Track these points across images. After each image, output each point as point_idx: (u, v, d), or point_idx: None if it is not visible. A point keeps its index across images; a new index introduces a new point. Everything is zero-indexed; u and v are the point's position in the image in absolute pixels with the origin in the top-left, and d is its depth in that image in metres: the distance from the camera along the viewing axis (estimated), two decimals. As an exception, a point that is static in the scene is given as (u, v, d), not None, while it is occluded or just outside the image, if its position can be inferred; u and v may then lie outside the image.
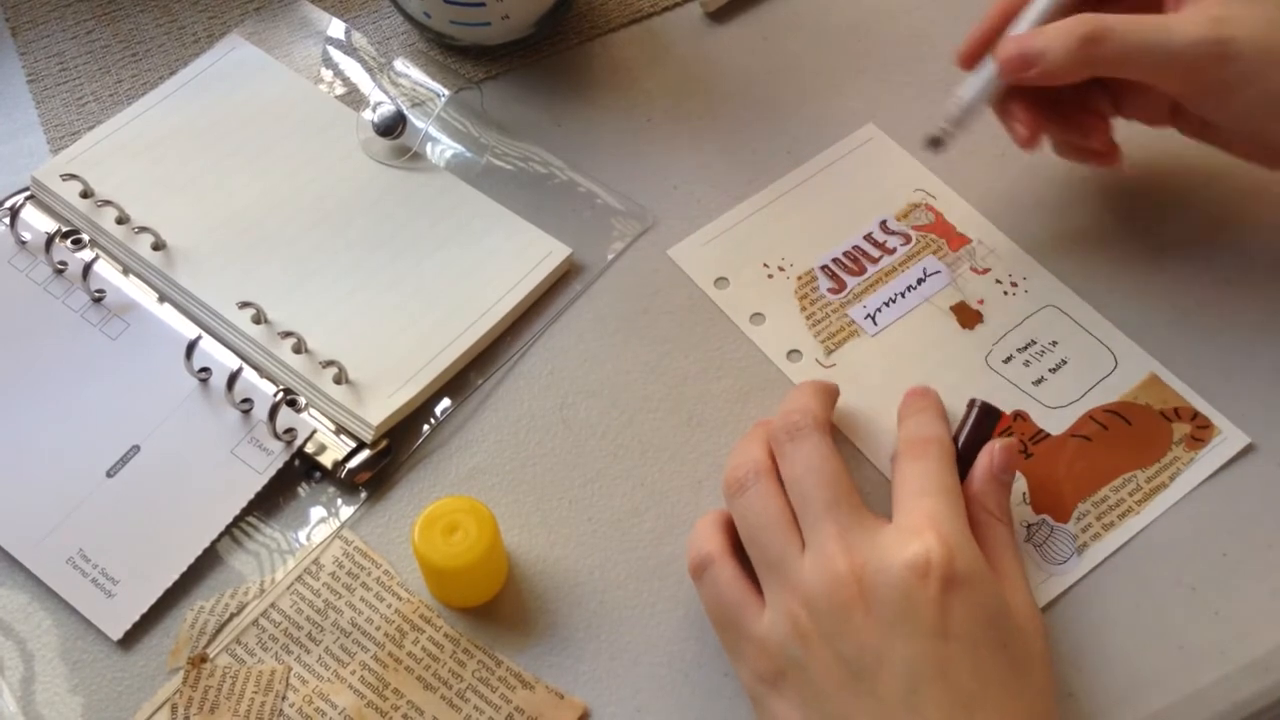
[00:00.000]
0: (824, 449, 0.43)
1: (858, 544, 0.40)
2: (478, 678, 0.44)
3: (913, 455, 0.44)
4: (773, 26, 0.62)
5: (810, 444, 0.43)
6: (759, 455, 0.44)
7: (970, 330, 0.52)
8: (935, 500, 0.42)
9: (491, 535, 0.43)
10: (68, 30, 0.62)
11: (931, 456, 0.44)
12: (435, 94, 0.57)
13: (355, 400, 0.49)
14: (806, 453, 0.43)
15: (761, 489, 0.43)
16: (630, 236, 0.55)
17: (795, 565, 0.41)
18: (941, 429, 0.45)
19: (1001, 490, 0.44)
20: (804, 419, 0.44)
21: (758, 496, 0.43)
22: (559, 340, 0.52)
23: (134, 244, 0.53)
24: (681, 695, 0.44)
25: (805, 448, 0.43)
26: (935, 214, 0.55)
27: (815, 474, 0.42)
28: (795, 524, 0.42)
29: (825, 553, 0.40)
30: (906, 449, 0.45)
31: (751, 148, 0.57)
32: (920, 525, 0.40)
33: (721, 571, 0.42)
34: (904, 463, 0.44)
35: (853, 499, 0.42)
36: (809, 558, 0.41)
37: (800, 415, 0.44)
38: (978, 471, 0.44)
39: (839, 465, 0.43)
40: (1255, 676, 0.43)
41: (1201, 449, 0.48)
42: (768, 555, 0.42)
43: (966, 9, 0.62)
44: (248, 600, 0.46)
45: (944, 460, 0.44)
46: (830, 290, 0.53)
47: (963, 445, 0.45)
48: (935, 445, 0.44)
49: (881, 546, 0.40)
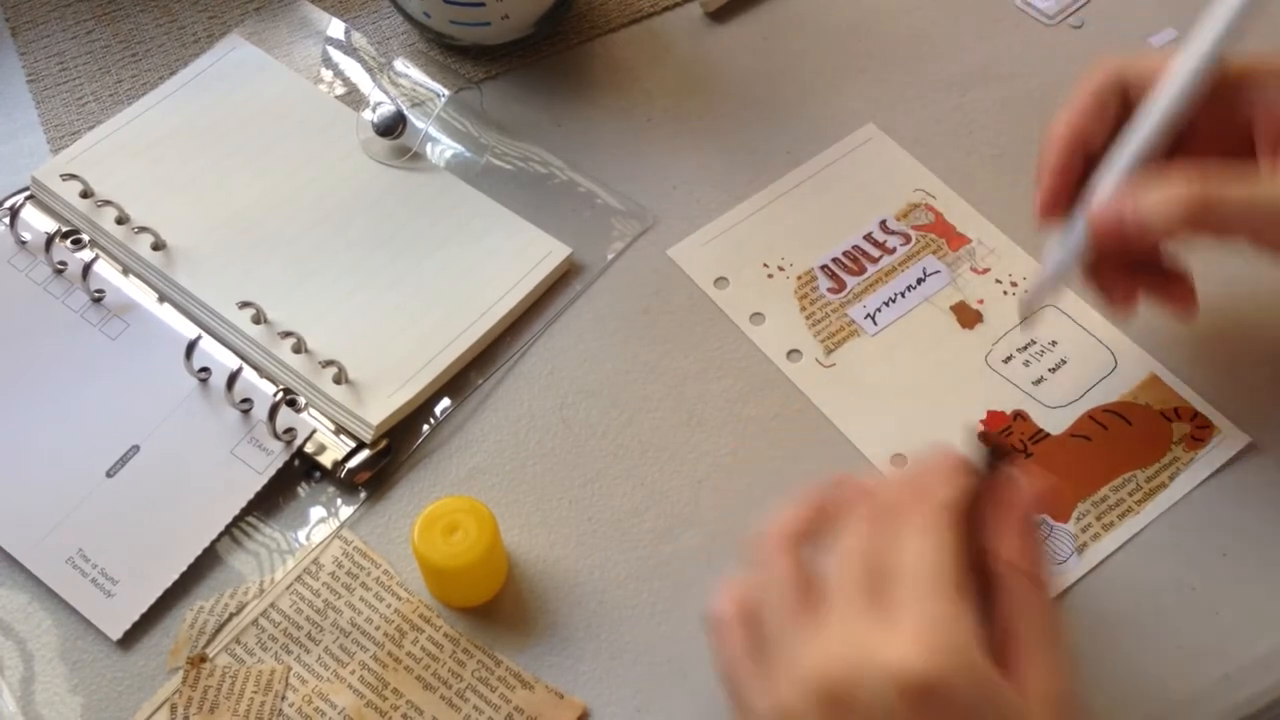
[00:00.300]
0: (936, 540, 0.36)
1: (857, 638, 0.35)
2: (477, 677, 0.44)
3: (901, 521, 0.37)
4: (773, 26, 0.62)
5: (921, 530, 0.36)
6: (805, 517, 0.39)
7: (970, 330, 0.52)
8: (923, 590, 0.35)
9: (491, 535, 0.43)
10: (68, 30, 0.62)
11: (926, 523, 0.36)
12: (435, 94, 0.57)
13: (355, 400, 0.49)
14: (913, 541, 0.36)
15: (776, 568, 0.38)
16: (630, 236, 0.55)
17: (794, 643, 0.36)
18: (943, 482, 0.38)
19: (1025, 538, 0.37)
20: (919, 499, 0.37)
21: (775, 579, 0.38)
22: (559, 340, 0.52)
23: (134, 244, 0.53)
24: (681, 695, 0.44)
25: (911, 534, 0.36)
26: (935, 214, 0.55)
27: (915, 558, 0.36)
28: (811, 597, 0.37)
29: (824, 643, 0.35)
30: (897, 508, 0.37)
31: (751, 148, 0.57)
32: (916, 633, 0.34)
33: (732, 635, 0.38)
34: (892, 530, 0.37)
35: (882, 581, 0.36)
36: (815, 639, 0.36)
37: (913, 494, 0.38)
38: (993, 522, 0.38)
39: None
40: (1255, 676, 0.43)
41: (1201, 449, 0.48)
42: (773, 631, 0.37)
43: (967, 9, 0.62)
44: (247, 600, 0.46)
45: (938, 528, 0.36)
46: (830, 290, 0.53)
47: (973, 502, 0.38)
48: (929, 507, 0.37)
49: (876, 650, 0.34)
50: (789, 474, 0.48)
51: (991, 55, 0.60)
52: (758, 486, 0.48)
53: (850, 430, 0.49)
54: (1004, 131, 0.57)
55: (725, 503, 0.48)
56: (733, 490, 0.48)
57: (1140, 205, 0.41)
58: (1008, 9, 0.62)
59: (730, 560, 0.46)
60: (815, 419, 0.50)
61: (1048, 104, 0.58)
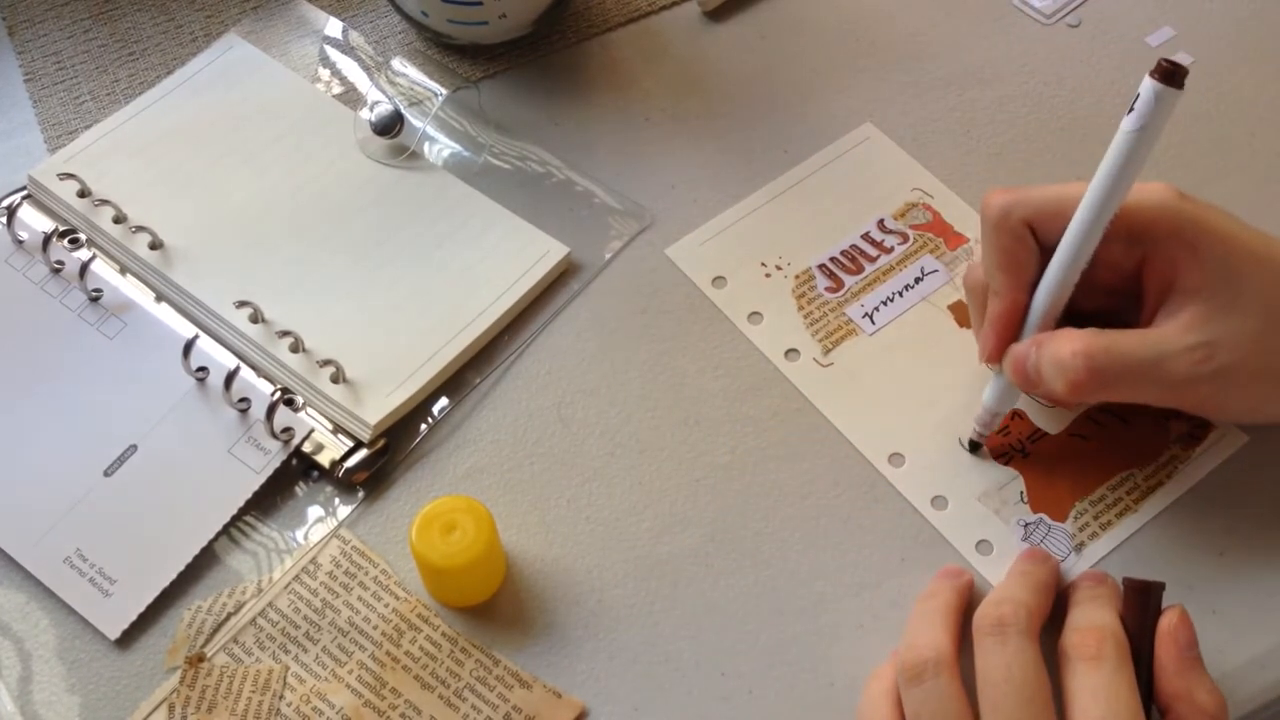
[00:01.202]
0: (1032, 659, 0.39)
1: None
2: (475, 677, 0.44)
3: (1086, 654, 0.39)
4: (771, 26, 0.62)
5: (1016, 648, 0.39)
6: (944, 642, 0.40)
7: (968, 329, 0.52)
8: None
9: (489, 534, 0.43)
10: (65, 29, 0.62)
11: (1108, 659, 0.39)
12: (433, 93, 0.57)
13: (353, 399, 0.49)
14: (1010, 659, 0.39)
15: (943, 686, 0.39)
16: (628, 235, 0.55)
17: None
18: (1115, 621, 0.41)
19: (1198, 673, 0.40)
20: (1016, 616, 0.40)
21: (936, 694, 0.39)
22: (557, 339, 0.52)
23: (131, 243, 0.53)
24: (679, 694, 0.44)
25: (1010, 651, 0.39)
26: (933, 213, 0.55)
27: (1017, 689, 0.38)
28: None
29: None
30: (1080, 642, 0.40)
31: (749, 147, 0.57)
32: None
33: None
34: (1078, 665, 0.39)
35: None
36: None
37: (1013, 611, 0.40)
38: (1167, 664, 0.40)
39: (1043, 679, 0.39)
40: (1253, 676, 0.43)
41: (1199, 447, 0.48)
42: None
43: (964, 8, 0.62)
44: (245, 599, 0.46)
45: (1122, 665, 0.39)
46: (828, 289, 0.53)
47: (1131, 633, 0.41)
48: (1111, 644, 0.39)
49: None
50: (787, 473, 0.48)
51: (989, 54, 0.60)
52: (756, 486, 0.48)
53: (848, 429, 0.49)
54: (1002, 131, 0.57)
55: (723, 502, 0.48)
56: (731, 490, 0.48)
57: (1040, 356, 0.44)
58: (1005, 8, 0.62)
59: (730, 560, 0.46)
60: (813, 418, 0.50)
61: (1045, 103, 0.58)
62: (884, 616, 0.45)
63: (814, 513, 0.47)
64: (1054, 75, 0.59)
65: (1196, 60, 0.59)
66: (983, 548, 0.46)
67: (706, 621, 0.45)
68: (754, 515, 0.47)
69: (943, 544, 0.46)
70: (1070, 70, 0.60)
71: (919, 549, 0.46)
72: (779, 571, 0.46)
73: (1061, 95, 0.59)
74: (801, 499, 0.48)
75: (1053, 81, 0.59)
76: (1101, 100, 0.58)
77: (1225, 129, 0.57)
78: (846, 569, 0.46)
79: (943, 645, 0.40)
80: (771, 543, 0.47)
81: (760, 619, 0.45)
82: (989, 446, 0.48)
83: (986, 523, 0.47)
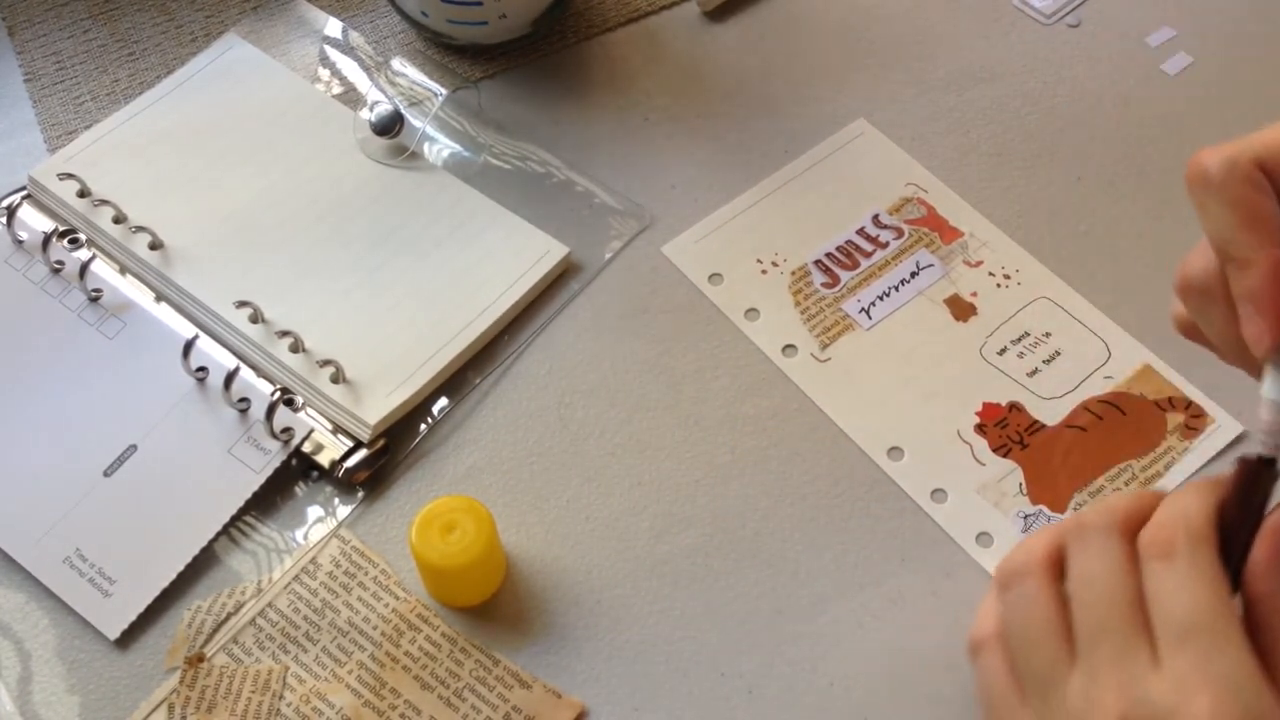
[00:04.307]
0: (1117, 560, 0.35)
1: (1131, 685, 0.33)
2: (475, 677, 0.44)
3: (1154, 553, 0.35)
4: (770, 25, 0.62)
5: (1098, 549, 0.36)
6: (1036, 548, 0.38)
7: (964, 323, 0.52)
8: (1203, 644, 0.32)
9: (489, 534, 0.43)
10: (65, 29, 0.62)
11: (1180, 556, 0.34)
12: (433, 93, 0.57)
13: (352, 399, 0.49)
14: (1089, 562, 0.36)
15: (1029, 590, 0.37)
16: (628, 235, 0.55)
17: (1060, 690, 0.35)
18: (1200, 509, 0.35)
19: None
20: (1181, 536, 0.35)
21: (1023, 600, 0.37)
22: (556, 339, 0.52)
23: (131, 243, 0.53)
24: (679, 694, 0.44)
25: (1091, 554, 0.36)
26: (927, 207, 0.55)
27: (1095, 594, 0.35)
28: (1068, 636, 0.36)
29: (1097, 689, 0.34)
30: (1149, 540, 0.35)
31: (749, 146, 0.57)
32: (1196, 686, 0.32)
33: (991, 660, 0.38)
34: (1146, 566, 0.35)
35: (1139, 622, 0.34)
36: (1078, 685, 0.35)
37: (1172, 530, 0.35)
38: (1259, 560, 0.34)
39: (1127, 582, 0.35)
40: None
41: (1196, 438, 0.48)
42: (1030, 666, 0.36)
43: (964, 8, 0.62)
44: (245, 600, 0.46)
45: (1197, 562, 0.34)
46: (824, 285, 0.53)
47: (1231, 518, 0.35)
48: (1184, 538, 0.34)
49: (1159, 703, 0.32)
50: (787, 471, 0.48)
51: (988, 54, 0.60)
52: (755, 484, 0.48)
53: (846, 424, 0.49)
54: (1001, 130, 0.57)
55: (723, 501, 0.48)
56: (731, 488, 0.48)
57: None
58: (1005, 8, 0.62)
59: (730, 560, 0.46)
60: (812, 414, 0.50)
61: (1045, 103, 0.58)
62: (884, 615, 0.45)
63: (814, 511, 0.47)
64: (1054, 75, 0.59)
65: (1196, 60, 0.59)
66: (983, 540, 0.46)
67: (706, 621, 0.45)
68: (754, 515, 0.47)
69: (943, 539, 0.46)
70: (1070, 70, 0.60)
71: (919, 546, 0.46)
72: (779, 571, 0.46)
73: (1061, 95, 0.59)
74: (801, 498, 0.48)
75: (1052, 81, 0.59)
76: (1101, 100, 0.58)
77: (1225, 129, 0.57)
78: (846, 568, 0.46)
79: (1035, 551, 0.37)
80: (771, 542, 0.47)
81: (760, 619, 0.45)
82: (987, 440, 0.48)
83: (986, 515, 0.47)
